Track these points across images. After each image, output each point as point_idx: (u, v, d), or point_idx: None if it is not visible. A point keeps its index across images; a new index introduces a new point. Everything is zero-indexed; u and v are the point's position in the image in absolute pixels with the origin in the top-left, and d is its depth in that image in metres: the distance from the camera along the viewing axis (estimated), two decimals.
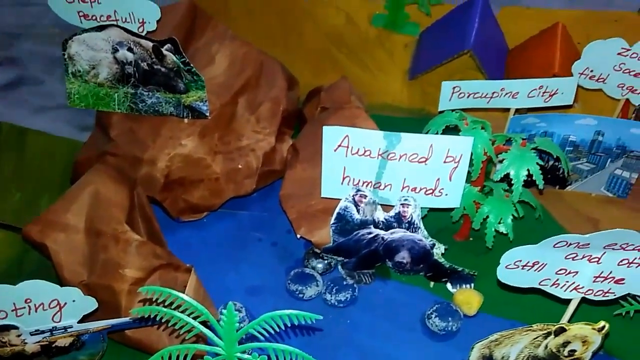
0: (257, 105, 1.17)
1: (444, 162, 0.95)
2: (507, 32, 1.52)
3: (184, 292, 0.90)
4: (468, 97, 1.13)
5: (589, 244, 0.72)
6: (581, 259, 0.74)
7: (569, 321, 0.81)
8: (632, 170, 1.17)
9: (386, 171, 0.97)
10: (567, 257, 0.74)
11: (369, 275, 1.07)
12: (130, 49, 1.01)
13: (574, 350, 0.77)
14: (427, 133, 1.01)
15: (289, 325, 0.69)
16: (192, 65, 1.01)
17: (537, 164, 0.94)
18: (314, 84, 1.52)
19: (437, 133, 1.00)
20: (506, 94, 1.12)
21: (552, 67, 1.32)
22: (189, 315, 0.69)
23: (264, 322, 0.69)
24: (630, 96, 1.23)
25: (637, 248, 0.72)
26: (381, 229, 1.01)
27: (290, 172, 1.13)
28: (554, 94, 1.13)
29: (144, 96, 1.06)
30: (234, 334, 0.70)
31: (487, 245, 1.02)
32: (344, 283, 1.03)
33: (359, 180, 0.99)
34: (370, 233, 1.01)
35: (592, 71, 1.22)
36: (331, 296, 1.02)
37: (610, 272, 0.75)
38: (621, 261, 0.74)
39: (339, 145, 0.96)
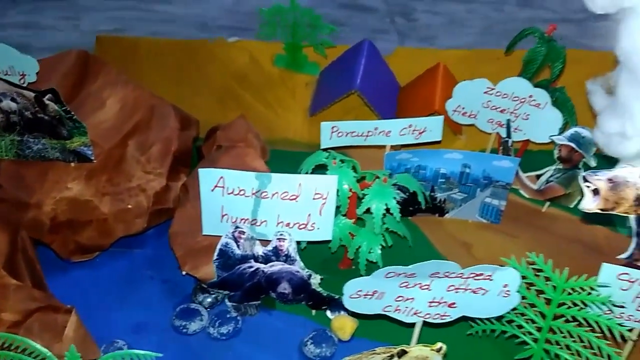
0: (148, 146, 1.22)
1: (313, 198, 1.02)
2: (401, 71, 1.63)
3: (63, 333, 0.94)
4: (346, 135, 1.22)
5: (414, 273, 0.80)
6: (413, 287, 0.82)
7: (418, 342, 0.89)
8: (500, 199, 1.28)
9: (261, 208, 1.04)
10: (401, 285, 0.82)
11: (255, 306, 1.12)
12: (13, 99, 1.05)
13: None
14: (300, 172, 1.09)
15: None
16: (72, 113, 1.05)
17: (395, 198, 1.02)
18: (218, 122, 1.59)
19: (307, 172, 1.07)
20: (380, 132, 1.21)
21: (432, 105, 1.44)
22: (34, 357, 0.72)
23: None
24: (499, 130, 1.35)
25: (459, 275, 0.80)
26: (261, 262, 1.07)
27: (180, 210, 1.18)
28: (423, 131, 1.23)
29: (30, 143, 1.10)
30: None
31: (361, 273, 1.09)
32: (227, 316, 1.08)
33: (237, 218, 1.05)
34: (251, 267, 1.07)
35: (463, 108, 1.34)
36: (214, 329, 1.06)
37: (442, 297, 0.83)
38: (449, 287, 0.82)
39: (216, 186, 1.02)
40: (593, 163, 1.24)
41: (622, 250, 1.04)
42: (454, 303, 0.83)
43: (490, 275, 0.81)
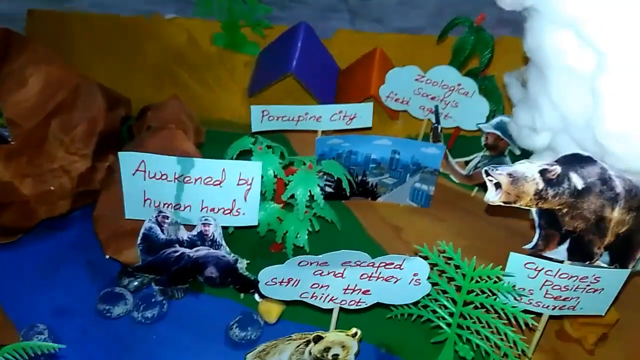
0: (72, 126, 1.18)
1: (238, 184, 1.02)
2: (341, 54, 1.63)
3: None
4: (277, 119, 1.22)
5: (327, 262, 0.82)
6: (327, 274, 0.83)
7: (337, 326, 0.91)
8: (429, 184, 1.31)
9: (184, 193, 1.03)
10: (315, 273, 0.83)
11: (182, 290, 1.12)
12: None
13: (337, 355, 0.87)
14: (225, 157, 1.08)
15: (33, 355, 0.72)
16: None
17: (319, 185, 1.03)
18: (153, 100, 1.56)
19: (232, 158, 1.07)
20: (311, 117, 1.22)
21: (368, 90, 1.45)
22: None
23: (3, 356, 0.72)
24: (431, 116, 1.38)
25: (370, 264, 0.83)
26: (186, 247, 1.07)
27: (105, 192, 1.16)
28: (353, 117, 1.24)
29: None
30: None
31: (289, 257, 1.11)
32: (153, 300, 1.08)
33: (160, 202, 1.04)
34: (176, 251, 1.07)
35: (396, 94, 1.36)
36: (138, 313, 1.06)
37: (356, 285, 0.85)
38: (362, 275, 0.84)
39: (137, 170, 1.01)
40: (517, 151, 1.28)
41: None
42: (368, 290, 0.86)
43: (400, 265, 0.83)
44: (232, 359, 1.03)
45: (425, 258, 0.88)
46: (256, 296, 1.12)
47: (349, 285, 0.85)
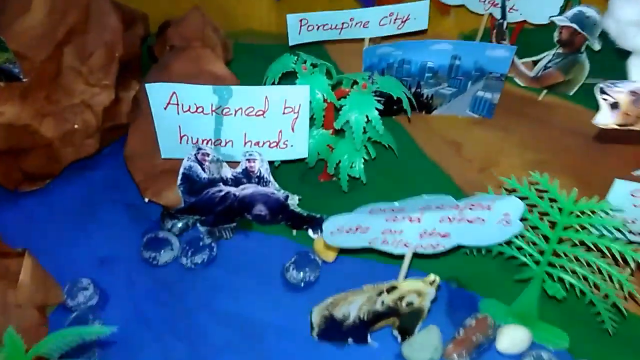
0: (87, 54, 1.04)
1: (283, 113, 0.89)
2: None
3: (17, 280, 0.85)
4: (317, 29, 1.05)
5: (404, 208, 0.70)
6: (402, 220, 0.72)
7: (407, 272, 0.81)
8: (494, 91, 1.15)
9: (224, 127, 0.90)
10: (388, 219, 0.72)
11: (230, 229, 1.03)
12: None
13: (411, 302, 0.78)
14: (265, 82, 0.94)
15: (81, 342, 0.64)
16: None
17: (377, 109, 0.89)
18: (171, 13, 1.38)
19: (274, 82, 0.92)
20: (356, 23, 1.05)
21: None
22: None
23: (52, 342, 0.64)
24: (492, 10, 1.19)
25: (454, 207, 0.71)
26: (231, 185, 0.96)
27: (134, 127, 1.04)
28: (406, 19, 1.06)
29: None
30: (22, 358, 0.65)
31: (343, 189, 0.99)
32: (200, 244, 0.99)
33: (197, 138, 0.92)
34: (220, 191, 0.96)
35: None
36: (187, 259, 0.98)
37: (434, 229, 0.74)
38: (442, 219, 0.73)
39: (169, 103, 0.87)
40: (597, 46, 1.10)
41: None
42: (447, 234, 0.74)
43: (489, 205, 0.71)
44: (292, 303, 0.95)
45: (513, 190, 0.76)
46: (310, 232, 1.02)
47: (425, 230, 0.74)
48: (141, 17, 1.18)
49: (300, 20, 1.02)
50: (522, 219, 0.75)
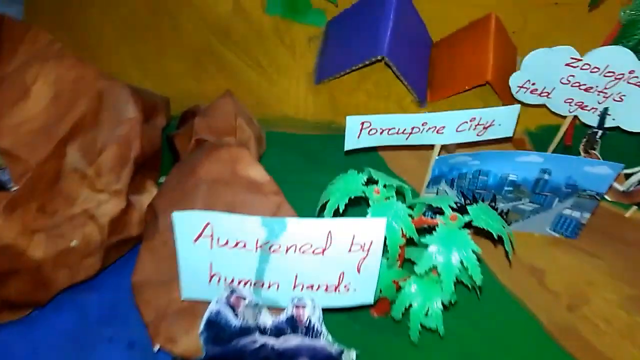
0: (96, 152, 0.84)
1: (349, 251, 0.68)
2: (431, 19, 1.24)
3: None
4: (381, 133, 0.86)
5: None
6: None
7: None
8: (584, 210, 0.95)
9: (270, 266, 0.69)
10: None
11: None
12: None
13: None
14: (323, 208, 0.73)
15: None
16: None
17: (473, 251, 0.68)
18: (195, 93, 1.21)
19: (337, 208, 0.71)
20: (429, 128, 0.85)
21: (483, 73, 1.07)
22: None
23: None
24: (579, 113, 1.00)
25: None
26: (270, 336, 0.74)
27: (146, 246, 0.82)
28: (489, 125, 0.87)
29: None
30: None
31: (412, 339, 0.77)
32: None
33: (233, 278, 0.70)
34: (254, 342, 0.74)
35: (534, 84, 0.98)
36: None
37: None
38: None
39: (200, 236, 0.66)
40: None
41: None
42: None
43: None
44: None
45: None
46: None
47: None
48: (162, 104, 1.00)
49: (362, 123, 0.83)
50: None
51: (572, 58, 0.93)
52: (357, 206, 0.74)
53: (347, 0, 1.22)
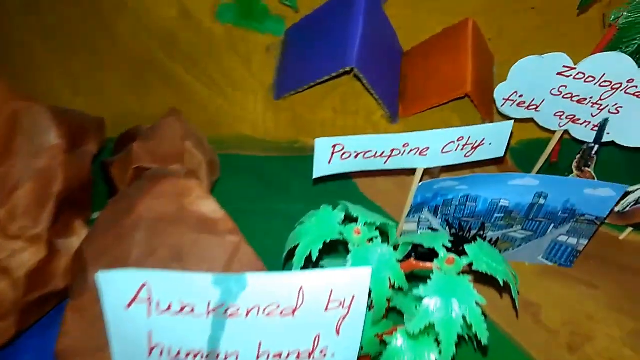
0: (8, 190, 0.68)
1: (326, 310, 0.54)
2: (400, 26, 1.13)
3: None
4: (356, 157, 0.73)
5: None
6: None
7: None
8: (580, 237, 0.85)
9: (226, 333, 0.55)
10: None
11: None
12: None
13: None
14: (291, 254, 0.59)
15: None
16: None
17: (477, 302, 0.55)
18: (135, 112, 1.06)
19: (309, 256, 0.58)
20: (411, 150, 0.73)
21: (462, 85, 0.97)
22: None
23: None
24: (570, 127, 0.90)
25: None
26: None
27: (73, 306, 0.67)
28: (478, 145, 0.76)
29: None
30: None
31: None
32: None
33: (179, 350, 0.56)
34: None
35: (521, 96, 0.87)
36: None
37: None
38: None
39: (134, 300, 0.52)
40: None
41: None
42: None
43: None
44: None
45: None
46: None
47: None
48: (95, 127, 0.84)
49: (334, 146, 0.70)
50: None
51: (564, 66, 0.82)
52: (332, 251, 0.61)
53: (308, 5, 1.10)
